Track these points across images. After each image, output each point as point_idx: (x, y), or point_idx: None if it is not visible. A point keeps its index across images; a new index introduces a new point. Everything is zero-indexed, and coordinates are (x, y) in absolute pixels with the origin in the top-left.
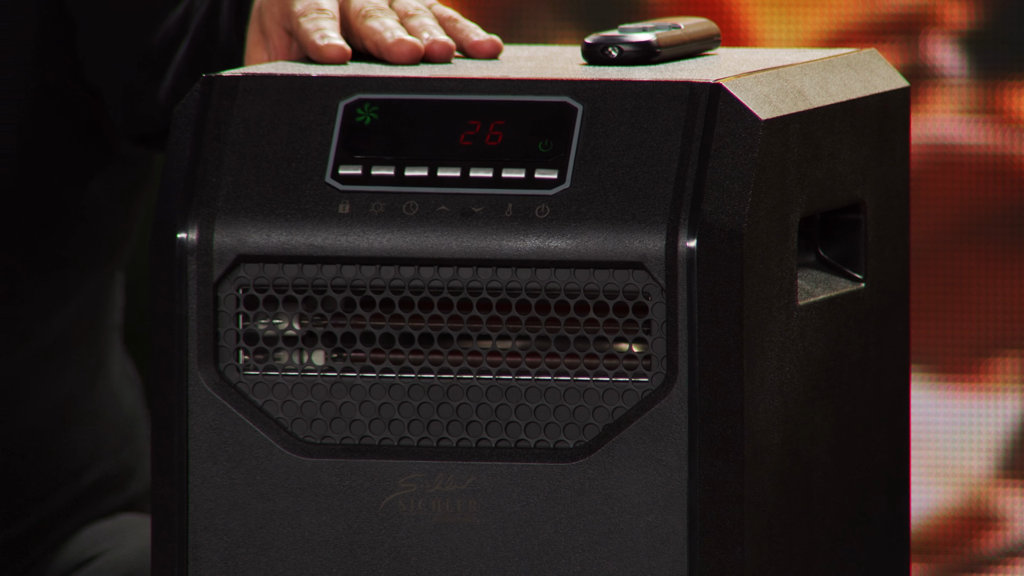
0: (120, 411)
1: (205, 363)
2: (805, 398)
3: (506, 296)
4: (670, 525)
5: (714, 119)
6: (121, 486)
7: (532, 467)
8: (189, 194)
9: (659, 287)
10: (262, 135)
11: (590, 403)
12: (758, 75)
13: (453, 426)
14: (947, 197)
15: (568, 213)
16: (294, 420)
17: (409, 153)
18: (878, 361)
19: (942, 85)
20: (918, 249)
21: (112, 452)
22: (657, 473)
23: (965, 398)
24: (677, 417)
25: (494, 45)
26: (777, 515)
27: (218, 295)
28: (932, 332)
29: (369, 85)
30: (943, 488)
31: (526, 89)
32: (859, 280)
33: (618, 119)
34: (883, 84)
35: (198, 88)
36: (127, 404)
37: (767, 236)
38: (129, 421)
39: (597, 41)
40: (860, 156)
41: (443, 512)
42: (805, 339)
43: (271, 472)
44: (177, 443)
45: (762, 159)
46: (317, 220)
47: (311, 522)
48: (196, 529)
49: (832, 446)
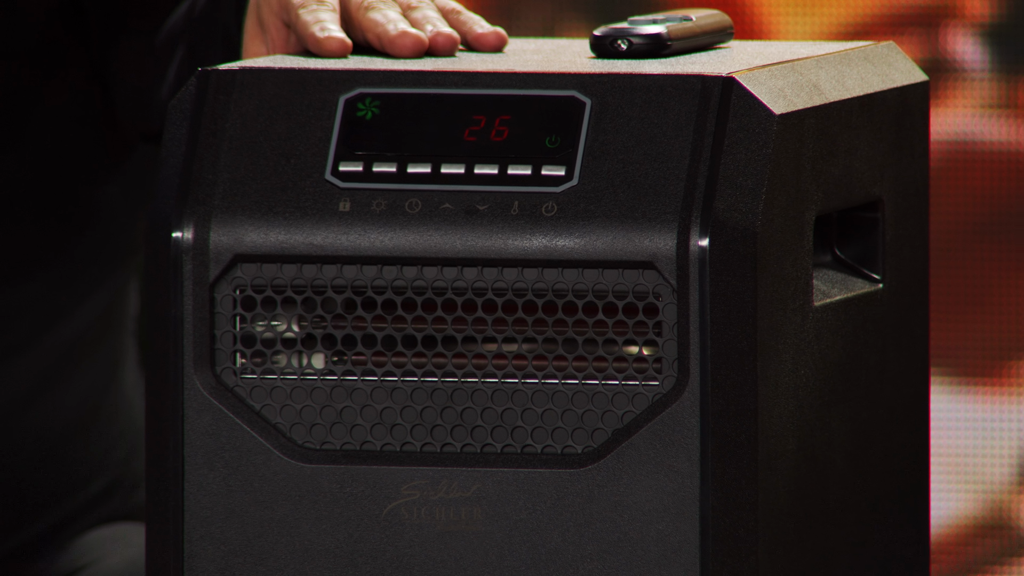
0: (132, 420)
1: (201, 366)
2: (821, 402)
3: (512, 297)
4: (682, 533)
5: (727, 114)
6: (126, 497)
7: (539, 473)
8: (184, 192)
9: (670, 287)
10: (260, 131)
11: (599, 407)
12: (772, 68)
13: (457, 431)
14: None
15: (576, 211)
16: (293, 425)
17: (412, 149)
18: (896, 364)
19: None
20: (938, 248)
21: (122, 462)
22: (668, 479)
23: (986, 402)
24: (689, 422)
25: (499, 37)
26: (792, 523)
27: (214, 296)
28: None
29: (370, 79)
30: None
31: (532, 83)
32: (877, 280)
33: (628, 114)
34: (901, 78)
35: (193, 82)
36: (138, 413)
37: (782, 235)
38: (139, 431)
39: (606, 33)
40: (878, 152)
41: (447, 520)
42: (821, 341)
43: (269, 479)
44: (172, 449)
45: (776, 155)
46: (317, 218)
47: (310, 531)
48: (192, 538)
49: (849, 452)
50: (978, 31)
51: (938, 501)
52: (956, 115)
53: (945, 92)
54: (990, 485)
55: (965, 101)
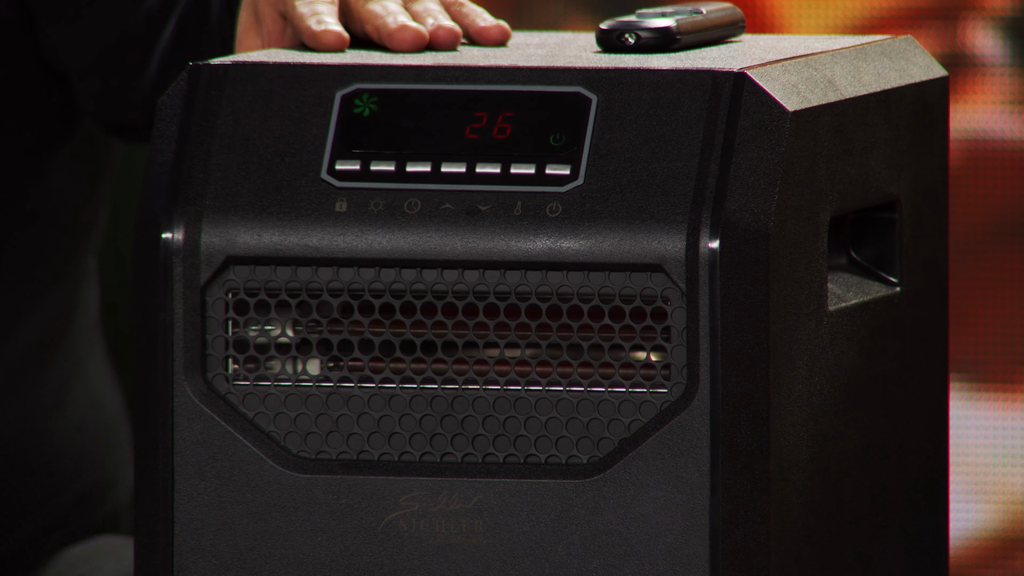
0: (101, 418)
1: (192, 373)
2: (836, 411)
3: (515, 300)
4: (691, 547)
5: (738, 111)
6: (101, 500)
7: (543, 484)
8: (174, 191)
9: (679, 291)
10: (253, 127)
11: (605, 416)
12: (785, 63)
13: (458, 440)
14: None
15: (581, 211)
16: (287, 434)
17: (411, 147)
18: (914, 371)
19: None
20: (957, 251)
21: (94, 464)
22: (677, 491)
23: (1008, 411)
24: (698, 431)
25: (501, 31)
26: (806, 535)
27: (206, 299)
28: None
29: (368, 74)
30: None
31: (537, 78)
32: (894, 284)
33: (635, 111)
34: (920, 73)
35: (184, 77)
36: (109, 408)
37: (795, 236)
38: (111, 427)
39: (613, 27)
40: (895, 151)
41: (447, 533)
42: (836, 347)
43: (262, 490)
44: (162, 458)
45: (790, 154)
46: (312, 219)
47: (305, 544)
48: (182, 551)
49: (865, 462)
50: (999, 24)
51: (957, 514)
52: (976, 111)
53: (965, 87)
54: (1011, 496)
55: (985, 97)
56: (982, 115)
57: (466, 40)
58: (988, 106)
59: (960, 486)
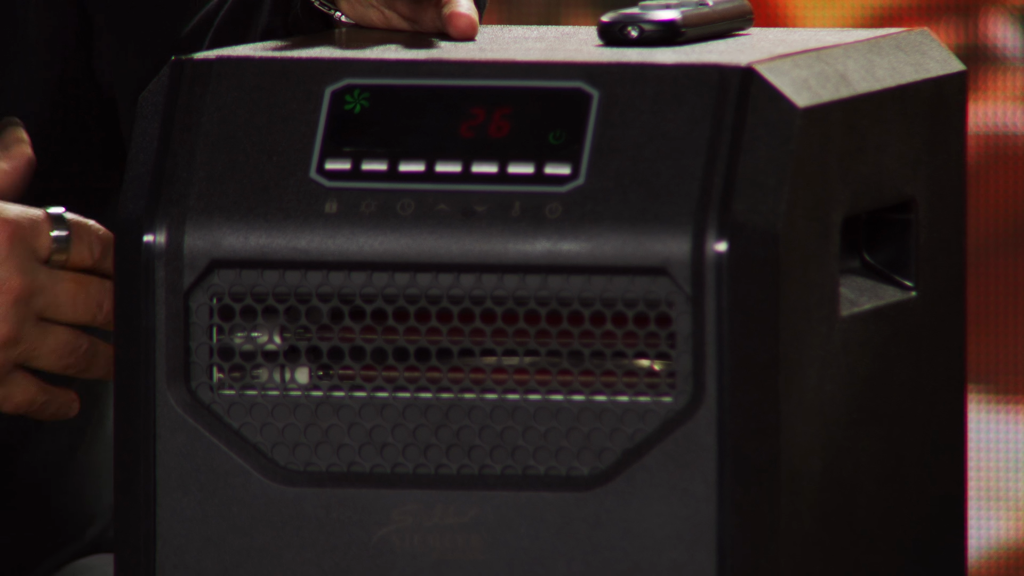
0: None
1: (175, 381)
2: (848, 420)
3: (513, 306)
4: (697, 562)
5: (746, 107)
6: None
7: (542, 497)
8: (156, 191)
9: (684, 295)
10: (239, 125)
11: (607, 425)
12: (795, 58)
13: (454, 451)
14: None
15: (582, 212)
16: (275, 445)
17: (404, 145)
18: (930, 379)
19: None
20: (975, 253)
21: (110, 508)
22: (682, 504)
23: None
24: (705, 441)
25: (469, 22)
26: (817, 551)
27: (189, 305)
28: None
29: (359, 69)
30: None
31: (535, 73)
32: (909, 288)
33: (638, 107)
34: (936, 68)
35: (166, 72)
36: None
37: (806, 238)
38: None
39: (615, 20)
40: (910, 148)
41: (442, 548)
42: (848, 354)
43: (249, 504)
44: (143, 471)
45: (800, 152)
46: (301, 221)
47: (294, 559)
48: (165, 567)
49: (879, 473)
50: (1018, 17)
51: (975, 524)
52: (995, 107)
53: (983, 83)
54: None
55: (1005, 92)
56: (1001, 111)
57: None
58: (1008, 102)
59: (978, 498)
